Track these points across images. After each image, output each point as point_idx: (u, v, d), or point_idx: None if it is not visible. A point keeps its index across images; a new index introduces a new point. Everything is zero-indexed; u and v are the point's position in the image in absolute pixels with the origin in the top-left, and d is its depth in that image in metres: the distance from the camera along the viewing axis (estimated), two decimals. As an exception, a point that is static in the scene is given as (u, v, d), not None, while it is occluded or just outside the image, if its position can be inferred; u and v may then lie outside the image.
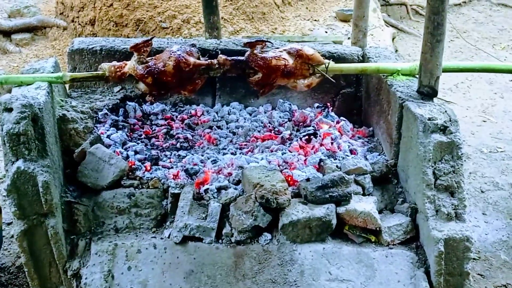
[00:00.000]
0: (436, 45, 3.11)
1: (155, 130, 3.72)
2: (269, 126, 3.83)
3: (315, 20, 7.50)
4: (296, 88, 3.35)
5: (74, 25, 7.34)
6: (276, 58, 3.24)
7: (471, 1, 12.10)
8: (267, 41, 3.35)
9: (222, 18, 5.95)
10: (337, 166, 3.24)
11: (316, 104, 3.97)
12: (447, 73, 3.48)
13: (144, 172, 3.14)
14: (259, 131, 3.78)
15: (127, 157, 3.23)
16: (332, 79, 3.36)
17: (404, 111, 3.19)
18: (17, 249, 3.30)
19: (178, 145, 3.61)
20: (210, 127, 3.80)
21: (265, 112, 3.97)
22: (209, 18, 5.75)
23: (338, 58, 3.93)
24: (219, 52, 3.37)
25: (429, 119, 2.94)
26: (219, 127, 3.81)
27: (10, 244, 3.57)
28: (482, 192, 4.62)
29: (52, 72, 3.35)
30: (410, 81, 3.45)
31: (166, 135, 3.71)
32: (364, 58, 4.00)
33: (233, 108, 4.00)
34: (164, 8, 6.71)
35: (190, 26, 6.62)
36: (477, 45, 9.09)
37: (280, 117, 3.90)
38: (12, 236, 3.52)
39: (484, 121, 6.14)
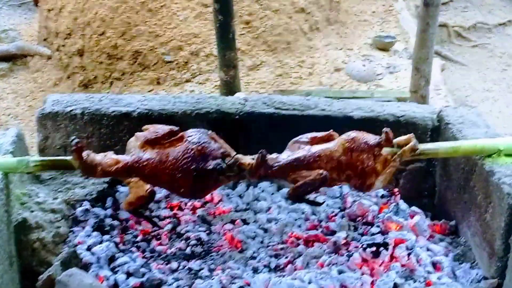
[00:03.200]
0: None
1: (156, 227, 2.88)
2: (313, 220, 2.98)
3: (349, 49, 6.76)
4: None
5: (59, 55, 6.70)
6: None
7: (516, 19, 11.35)
8: None
9: (238, 49, 5.17)
10: (420, 296, 2.39)
11: (381, 193, 3.11)
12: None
13: (140, 311, 2.30)
14: (299, 226, 2.94)
15: (115, 286, 2.40)
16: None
17: (519, 216, 2.36)
18: None
19: (188, 250, 2.78)
20: (233, 221, 2.97)
21: (306, 197, 3.12)
22: (224, 53, 5.03)
23: (406, 124, 3.11)
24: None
25: None
26: (244, 221, 2.97)
27: None
28: None
29: (11, 152, 2.56)
30: (519, 166, 2.62)
31: (171, 233, 2.87)
32: (440, 123, 3.16)
33: (262, 191, 3.17)
34: (167, 38, 6.04)
35: (199, 59, 5.93)
36: (533, 74, 8.32)
37: (327, 205, 3.06)
38: None
39: None
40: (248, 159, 2.50)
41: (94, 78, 6.25)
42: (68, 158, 2.44)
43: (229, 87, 4.96)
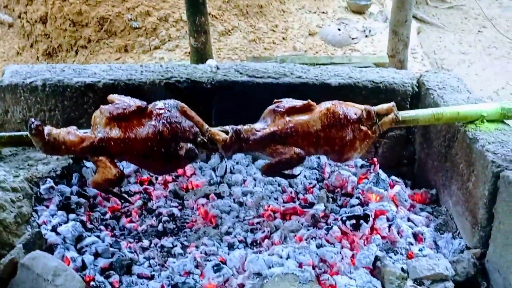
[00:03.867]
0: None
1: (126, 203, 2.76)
2: (290, 192, 2.89)
3: (323, 13, 6.58)
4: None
5: (21, 22, 6.38)
6: None
7: (492, -20, 11.29)
8: None
9: (209, 14, 5.00)
10: (402, 269, 2.33)
11: (360, 163, 3.02)
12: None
13: (109, 293, 2.19)
14: (276, 199, 2.85)
15: (83, 267, 2.28)
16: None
17: (502, 184, 2.30)
18: None
19: (160, 226, 2.67)
20: (206, 195, 2.86)
21: (282, 169, 3.02)
22: (194, 19, 4.86)
23: (386, 91, 3.02)
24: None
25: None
26: (218, 195, 2.86)
27: None
28: None
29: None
30: (502, 132, 2.56)
31: (142, 209, 2.75)
32: (420, 89, 3.08)
33: (237, 163, 3.07)
34: (134, 3, 5.81)
35: (168, 25, 5.70)
36: (508, 36, 8.26)
37: (305, 177, 2.96)
38: None
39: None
40: (222, 135, 2.38)
41: (59, 47, 6.01)
42: (29, 133, 2.30)
43: (200, 53, 4.81)
